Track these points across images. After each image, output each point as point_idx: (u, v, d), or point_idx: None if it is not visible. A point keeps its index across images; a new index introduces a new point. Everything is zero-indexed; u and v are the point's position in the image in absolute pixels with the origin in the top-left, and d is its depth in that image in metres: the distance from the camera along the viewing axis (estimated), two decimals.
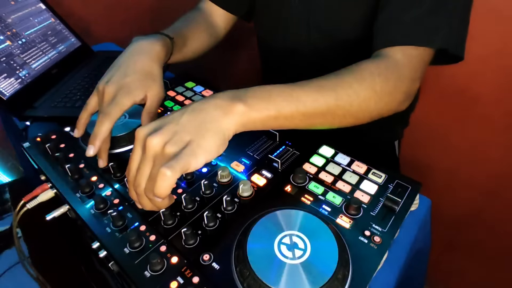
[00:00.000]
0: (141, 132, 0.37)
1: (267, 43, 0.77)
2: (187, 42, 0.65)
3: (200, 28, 0.69)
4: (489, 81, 0.78)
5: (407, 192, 0.44)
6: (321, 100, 0.42)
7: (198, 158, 0.35)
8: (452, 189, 0.96)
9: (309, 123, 0.44)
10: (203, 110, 0.38)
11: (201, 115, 0.37)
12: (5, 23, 0.80)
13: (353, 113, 0.45)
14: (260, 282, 0.32)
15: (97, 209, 0.43)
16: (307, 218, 0.38)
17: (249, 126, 0.40)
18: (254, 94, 0.40)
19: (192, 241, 0.38)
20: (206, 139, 0.36)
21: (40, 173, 0.52)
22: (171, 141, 0.35)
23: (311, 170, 0.47)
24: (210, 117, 0.37)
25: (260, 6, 0.71)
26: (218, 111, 0.37)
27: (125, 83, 0.47)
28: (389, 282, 0.42)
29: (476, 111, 0.81)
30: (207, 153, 0.35)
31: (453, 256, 1.08)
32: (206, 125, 0.36)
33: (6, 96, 0.71)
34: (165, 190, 0.34)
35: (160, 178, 0.33)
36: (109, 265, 0.39)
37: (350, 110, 0.45)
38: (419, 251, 0.53)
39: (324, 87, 0.43)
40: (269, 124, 0.41)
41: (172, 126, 0.36)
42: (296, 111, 0.41)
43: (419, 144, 0.94)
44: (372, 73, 0.46)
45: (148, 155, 0.35)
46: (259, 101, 0.39)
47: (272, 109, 0.40)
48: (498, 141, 0.83)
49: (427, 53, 0.49)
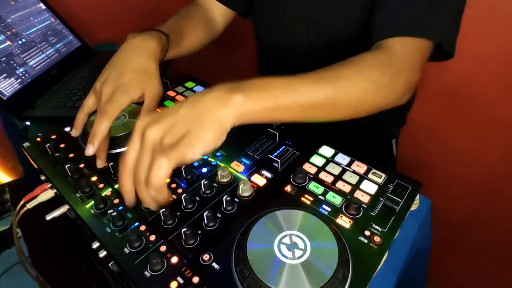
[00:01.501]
0: (140, 123, 0.37)
1: (265, 41, 0.76)
2: (183, 38, 0.64)
3: (196, 23, 0.68)
4: (488, 80, 0.78)
5: (407, 192, 0.44)
6: (319, 91, 0.42)
7: (195, 148, 0.35)
8: (452, 189, 0.96)
9: (308, 115, 0.43)
10: (201, 102, 0.38)
11: (199, 107, 0.37)
12: (5, 23, 0.80)
13: (351, 104, 0.45)
14: (260, 282, 0.32)
15: (97, 209, 0.43)
16: (307, 218, 0.38)
17: (247, 118, 0.39)
18: (252, 85, 0.40)
19: (192, 241, 0.38)
20: (203, 131, 0.36)
21: (40, 173, 0.52)
22: (169, 132, 0.36)
23: (311, 170, 0.47)
24: (208, 108, 0.37)
25: (258, 2, 0.71)
26: (215, 103, 0.37)
27: (122, 82, 0.47)
28: (389, 282, 0.42)
29: (476, 111, 0.81)
30: (204, 144, 0.36)
31: (453, 256, 1.08)
32: (204, 117, 0.37)
33: (6, 96, 0.71)
34: (160, 179, 0.34)
35: (156, 167, 0.34)
36: (109, 265, 0.39)
37: (349, 101, 0.45)
38: (419, 251, 0.53)
39: (323, 78, 0.43)
40: (267, 116, 0.41)
41: (171, 117, 0.37)
42: (295, 102, 0.41)
43: (419, 144, 0.94)
44: (370, 65, 0.46)
45: (147, 145, 0.36)
46: (256, 92, 0.39)
47: (270, 100, 0.39)
48: (498, 140, 0.83)
49: (426, 45, 0.49)
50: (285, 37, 0.68)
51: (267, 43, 0.75)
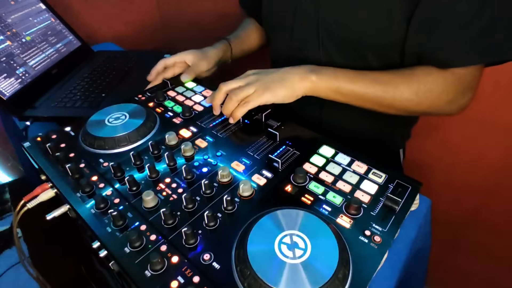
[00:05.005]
0: (250, 72, 0.59)
1: (275, 45, 0.76)
2: (243, 42, 0.83)
3: (250, 30, 0.85)
4: (489, 80, 0.78)
5: (407, 192, 0.44)
6: (371, 89, 0.54)
7: (274, 96, 0.54)
8: (452, 189, 0.96)
9: (360, 103, 0.57)
10: (288, 73, 0.56)
11: (286, 75, 0.56)
12: (5, 23, 0.80)
13: (395, 107, 0.56)
14: (260, 282, 0.32)
15: (97, 209, 0.43)
16: (307, 218, 0.38)
17: (315, 93, 0.56)
18: (325, 70, 0.56)
19: (192, 240, 0.38)
20: (279, 88, 0.54)
21: (41, 173, 0.52)
22: (260, 83, 0.56)
23: (311, 170, 0.47)
24: (291, 78, 0.55)
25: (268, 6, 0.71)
26: (297, 76, 0.55)
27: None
28: (389, 282, 0.42)
29: (476, 111, 0.81)
30: (274, 96, 0.54)
31: (453, 255, 1.08)
32: (286, 81, 0.55)
33: (6, 96, 0.71)
34: (253, 103, 0.54)
35: (255, 95, 0.54)
36: (109, 264, 0.39)
37: (393, 104, 0.55)
38: (419, 250, 0.53)
39: (377, 80, 0.55)
40: (329, 95, 0.57)
41: (270, 75, 0.57)
42: (352, 91, 0.55)
43: (419, 144, 0.94)
44: (419, 81, 0.53)
45: (249, 82, 0.56)
46: (326, 77, 0.55)
47: (335, 84, 0.55)
48: (498, 141, 0.83)
49: (478, 68, 0.51)
50: (295, 39, 0.66)
51: (277, 47, 0.74)
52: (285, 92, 0.54)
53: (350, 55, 0.61)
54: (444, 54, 0.50)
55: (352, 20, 0.56)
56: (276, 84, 0.54)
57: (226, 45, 0.78)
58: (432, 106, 0.54)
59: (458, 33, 0.48)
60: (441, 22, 0.48)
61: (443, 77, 0.52)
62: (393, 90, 0.53)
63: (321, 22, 0.60)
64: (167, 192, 0.45)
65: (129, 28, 1.35)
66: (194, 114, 0.60)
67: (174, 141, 0.53)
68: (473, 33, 0.47)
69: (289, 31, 0.66)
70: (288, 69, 0.57)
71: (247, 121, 0.58)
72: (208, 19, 1.28)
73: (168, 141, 0.53)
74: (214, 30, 1.26)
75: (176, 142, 0.53)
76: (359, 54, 0.59)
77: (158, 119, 0.58)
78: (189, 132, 0.56)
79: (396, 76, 0.55)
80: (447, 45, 0.49)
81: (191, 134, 0.55)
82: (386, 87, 0.54)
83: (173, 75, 0.72)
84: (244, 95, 0.55)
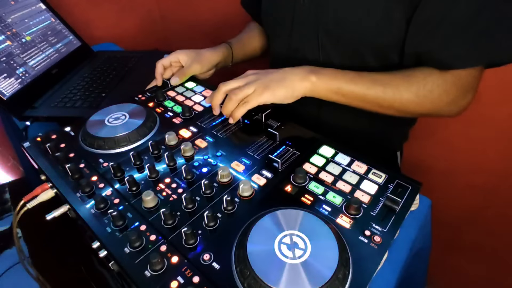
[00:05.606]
0: (250, 72, 0.59)
1: (274, 46, 0.76)
2: (244, 45, 0.82)
3: (252, 34, 0.84)
4: (490, 81, 0.78)
5: (407, 192, 0.44)
6: (372, 90, 0.54)
7: (273, 96, 0.54)
8: (452, 189, 0.96)
9: (360, 105, 0.57)
10: (288, 73, 0.56)
11: (285, 75, 0.56)
12: (5, 23, 0.80)
13: (395, 108, 0.55)
14: (260, 282, 0.32)
15: (97, 209, 0.43)
16: (307, 218, 0.38)
17: (315, 93, 0.56)
18: (325, 71, 0.56)
19: (192, 241, 0.38)
20: (280, 88, 0.54)
21: (40, 173, 0.52)
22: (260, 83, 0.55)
23: (311, 170, 0.47)
24: (291, 78, 0.55)
25: (267, 6, 0.71)
26: (297, 77, 0.55)
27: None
28: (389, 282, 0.42)
29: (476, 111, 0.81)
30: (276, 96, 0.54)
31: (453, 255, 1.08)
32: (286, 81, 0.55)
33: (6, 96, 0.71)
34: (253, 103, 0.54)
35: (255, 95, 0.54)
36: (109, 265, 0.39)
37: (393, 105, 0.55)
38: (420, 251, 0.53)
39: (377, 81, 0.54)
40: (329, 96, 0.56)
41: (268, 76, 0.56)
42: (352, 92, 0.55)
43: (419, 144, 0.94)
44: (419, 82, 0.53)
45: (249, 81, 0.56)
46: (326, 78, 0.55)
47: (335, 85, 0.55)
48: (498, 141, 0.83)
49: (478, 69, 0.51)
50: (294, 41, 0.66)
51: (276, 48, 0.74)
52: (284, 92, 0.54)
53: (348, 56, 0.61)
54: (444, 55, 0.50)
55: (351, 21, 0.56)
56: (275, 84, 0.54)
57: (227, 48, 0.77)
58: (433, 107, 0.54)
59: (458, 34, 0.48)
60: (441, 23, 0.48)
61: (443, 78, 0.52)
62: (393, 91, 0.53)
63: (320, 23, 0.60)
64: (167, 192, 0.45)
65: (129, 28, 1.35)
66: (194, 114, 0.60)
67: (174, 141, 0.53)
68: (473, 34, 0.47)
69: (288, 32, 0.66)
70: (288, 70, 0.56)
71: (247, 121, 0.58)
72: (208, 19, 1.28)
73: (168, 141, 0.53)
74: (214, 30, 1.26)
75: (176, 142, 0.53)
76: (357, 54, 0.59)
77: (158, 119, 0.59)
78: (189, 132, 0.56)
79: (396, 77, 0.54)
80: (447, 46, 0.49)
81: (191, 134, 0.55)
82: (386, 88, 0.53)
83: (172, 74, 0.72)
84: (243, 95, 0.54)
